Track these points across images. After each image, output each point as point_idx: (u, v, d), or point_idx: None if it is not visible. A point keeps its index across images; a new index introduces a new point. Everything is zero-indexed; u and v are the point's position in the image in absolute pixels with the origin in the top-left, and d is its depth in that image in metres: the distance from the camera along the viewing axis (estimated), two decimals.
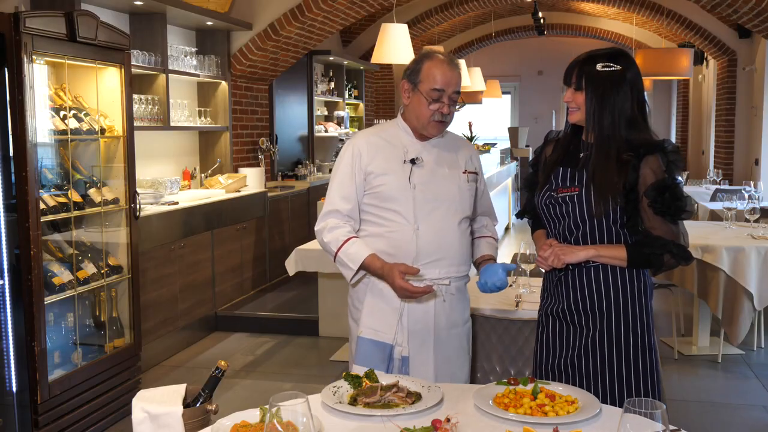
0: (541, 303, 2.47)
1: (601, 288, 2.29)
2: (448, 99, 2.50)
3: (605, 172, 2.22)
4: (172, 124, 5.66)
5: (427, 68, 2.50)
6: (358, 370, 2.46)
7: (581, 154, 2.33)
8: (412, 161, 2.53)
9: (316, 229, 2.60)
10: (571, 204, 2.28)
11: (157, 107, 5.48)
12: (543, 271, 2.42)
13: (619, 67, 2.25)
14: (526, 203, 2.58)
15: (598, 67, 2.25)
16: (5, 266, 3.41)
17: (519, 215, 2.67)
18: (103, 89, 4.18)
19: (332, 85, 9.52)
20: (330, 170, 8.22)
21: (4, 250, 3.41)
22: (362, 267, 2.49)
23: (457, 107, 2.57)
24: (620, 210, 2.24)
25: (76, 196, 3.93)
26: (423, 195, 2.52)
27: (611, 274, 2.29)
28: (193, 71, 6.04)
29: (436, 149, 2.60)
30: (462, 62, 9.72)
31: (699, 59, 11.00)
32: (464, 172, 2.62)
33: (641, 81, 2.30)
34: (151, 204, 5.05)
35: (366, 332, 2.55)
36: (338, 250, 2.51)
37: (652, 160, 2.21)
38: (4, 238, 3.41)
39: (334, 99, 9.65)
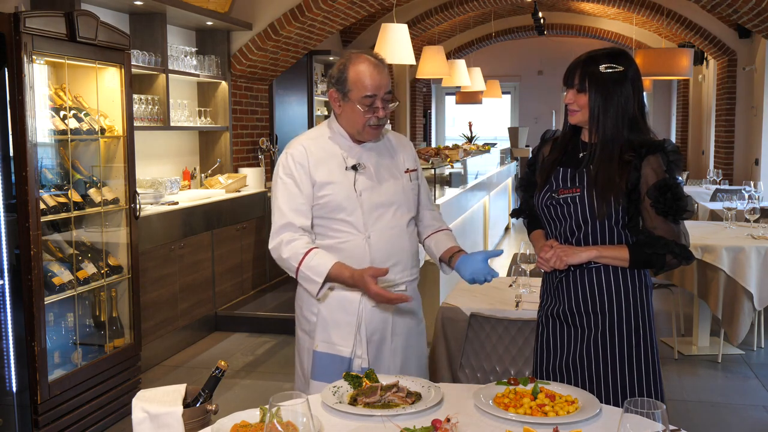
0: (541, 304, 2.47)
1: (603, 289, 2.29)
2: (381, 102, 2.39)
3: (608, 172, 2.22)
4: (172, 124, 5.66)
5: (353, 75, 2.37)
6: (316, 386, 2.40)
7: (581, 154, 2.32)
8: (354, 168, 2.44)
9: (270, 247, 2.42)
10: (573, 205, 2.27)
11: (157, 107, 5.48)
12: (543, 271, 2.42)
13: (621, 68, 2.25)
14: (522, 203, 2.57)
15: (602, 68, 2.24)
16: (5, 266, 3.41)
17: (514, 215, 2.65)
18: (103, 89, 4.18)
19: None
20: None
21: (4, 250, 3.41)
22: (328, 279, 2.34)
23: (390, 106, 2.44)
24: (622, 210, 2.24)
25: (76, 196, 3.93)
26: (369, 201, 2.43)
27: (613, 275, 2.28)
28: (193, 71, 6.04)
29: (374, 152, 2.51)
30: (462, 62, 9.73)
31: (699, 59, 11.00)
32: (406, 171, 2.56)
33: (641, 80, 2.30)
34: (151, 204, 5.05)
35: (322, 346, 2.44)
36: (299, 265, 2.35)
37: (653, 160, 2.21)
38: (4, 238, 3.41)
39: None
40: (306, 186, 2.41)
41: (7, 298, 3.42)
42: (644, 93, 2.33)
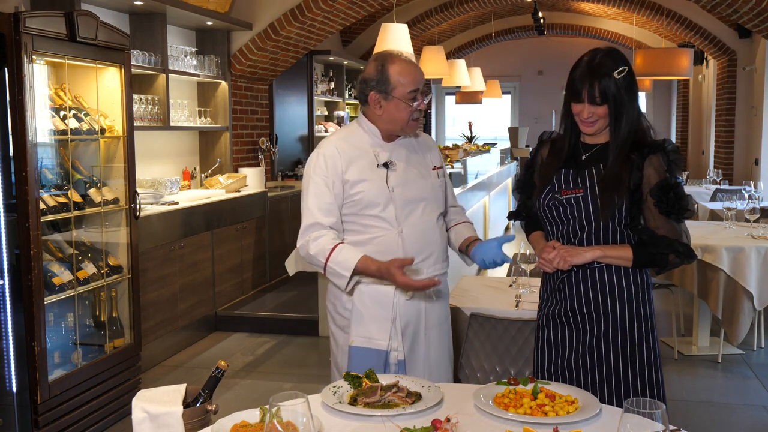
0: (541, 305, 2.46)
1: (606, 289, 2.29)
2: (421, 96, 2.49)
3: (619, 172, 2.23)
4: (172, 124, 5.66)
5: (395, 74, 2.46)
6: None
7: (583, 156, 2.32)
8: (386, 165, 2.51)
9: (298, 244, 2.49)
10: (576, 205, 2.27)
11: (157, 107, 5.48)
12: (542, 272, 2.42)
13: (627, 68, 2.25)
14: (519, 205, 2.57)
15: (615, 74, 2.22)
16: (5, 266, 3.41)
17: (511, 217, 2.65)
18: (103, 89, 4.18)
19: (332, 85, 9.52)
20: None
21: (4, 250, 3.41)
22: (355, 272, 2.40)
23: (427, 97, 2.54)
24: (625, 210, 2.24)
25: (76, 196, 3.93)
26: (402, 197, 2.49)
27: (615, 276, 2.29)
28: (193, 71, 6.04)
29: (403, 149, 2.58)
30: (462, 62, 9.73)
31: (699, 59, 11.00)
32: (434, 169, 2.63)
33: (635, 73, 2.31)
34: (151, 204, 5.05)
35: (358, 341, 2.48)
36: (327, 260, 2.41)
37: (654, 160, 2.22)
38: (4, 238, 3.41)
39: (334, 99, 9.65)
40: (336, 186, 2.47)
41: (7, 298, 3.42)
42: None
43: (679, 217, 2.22)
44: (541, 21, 12.56)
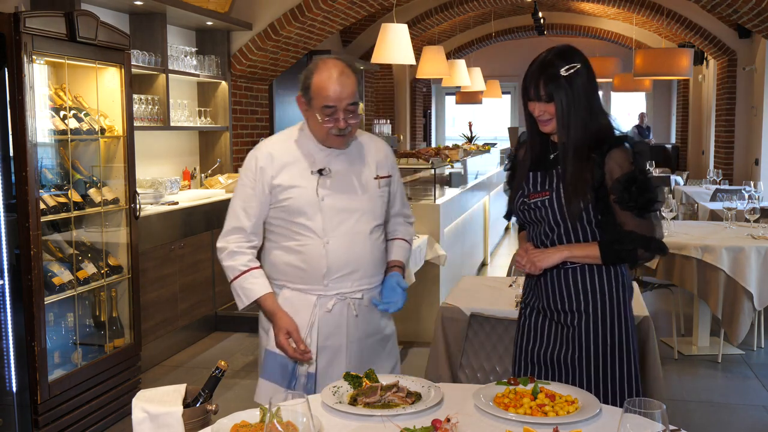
0: (523, 296, 2.49)
1: (579, 288, 2.30)
2: (342, 113, 2.33)
3: (579, 171, 2.21)
4: (172, 124, 5.66)
5: (316, 84, 2.32)
6: (264, 384, 2.42)
7: (551, 156, 2.32)
8: (320, 171, 2.41)
9: (218, 245, 2.47)
10: (543, 209, 2.28)
11: (157, 107, 5.48)
12: None
13: (578, 65, 2.23)
14: (509, 204, 2.58)
15: (563, 71, 2.20)
16: (5, 266, 3.41)
17: (507, 216, 2.65)
18: (103, 89, 4.18)
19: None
20: None
21: (4, 250, 3.41)
22: (255, 303, 2.42)
23: (354, 116, 2.38)
24: (592, 209, 2.23)
25: (76, 196, 3.93)
26: (331, 207, 2.40)
27: (589, 275, 2.29)
28: (193, 71, 6.04)
29: (344, 156, 2.46)
30: (462, 62, 9.73)
31: (699, 59, 11.00)
32: (376, 178, 2.49)
33: (594, 72, 2.28)
34: (151, 204, 5.04)
35: (272, 345, 2.42)
36: (234, 279, 2.43)
37: (616, 154, 2.20)
38: (4, 238, 3.41)
39: None
40: (262, 191, 2.42)
41: (7, 298, 3.42)
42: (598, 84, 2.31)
43: (643, 211, 2.20)
44: (541, 21, 12.56)
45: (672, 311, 5.17)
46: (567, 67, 2.20)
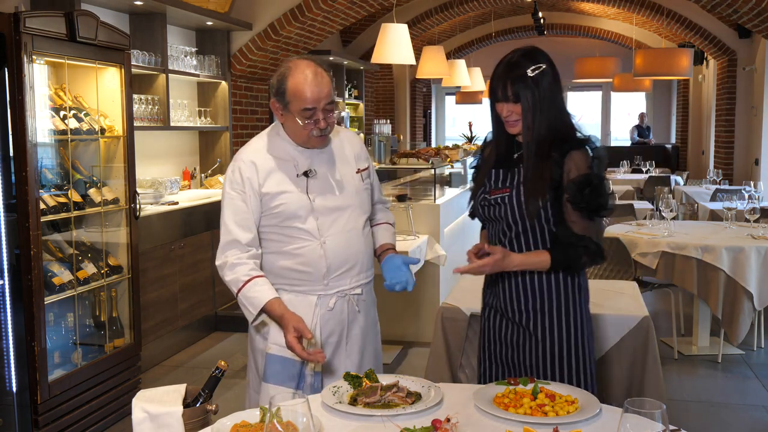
0: (483, 296, 2.49)
1: (536, 288, 2.30)
2: (322, 113, 2.35)
3: (540, 170, 2.23)
4: (172, 124, 5.66)
5: (292, 87, 2.32)
6: (268, 389, 2.39)
7: (515, 155, 2.33)
8: (306, 174, 2.41)
9: (217, 263, 2.42)
10: (503, 205, 2.29)
11: (157, 107, 5.48)
12: None
13: (544, 65, 2.24)
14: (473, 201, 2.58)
15: (529, 72, 2.22)
16: (5, 266, 3.41)
17: (471, 216, 2.65)
18: (103, 89, 4.18)
19: (332, 85, 9.51)
20: None
21: (4, 250, 3.41)
22: (263, 311, 2.35)
23: (335, 114, 2.41)
24: (550, 208, 2.24)
25: (76, 196, 3.93)
26: (323, 206, 2.41)
27: (545, 275, 2.29)
28: (193, 71, 6.04)
29: (324, 155, 2.47)
30: (462, 62, 9.72)
31: (699, 59, 11.00)
32: (358, 172, 2.52)
33: (558, 72, 2.30)
34: (151, 204, 5.04)
35: (275, 349, 2.40)
36: (238, 291, 2.37)
37: (576, 156, 2.21)
38: (4, 238, 3.41)
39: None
40: (252, 200, 2.40)
41: (7, 298, 3.42)
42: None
43: (593, 214, 2.22)
44: (541, 21, 12.57)
45: (672, 311, 5.16)
46: (533, 67, 2.23)
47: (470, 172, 2.70)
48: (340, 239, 2.42)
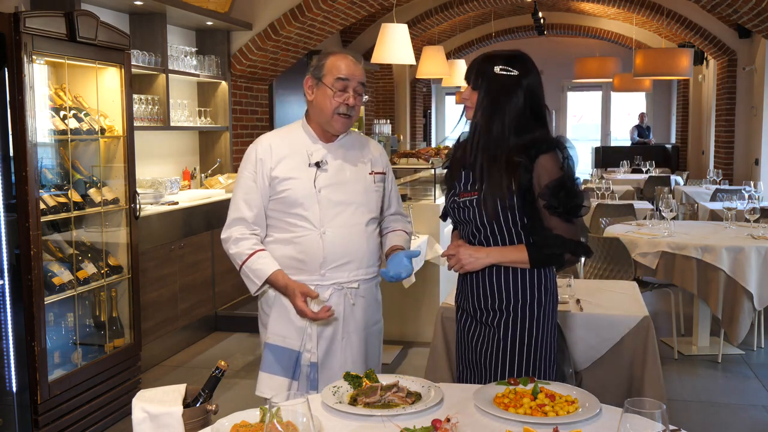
0: (456, 296, 2.50)
1: (503, 288, 2.31)
2: (353, 90, 2.47)
3: (491, 174, 2.23)
4: (172, 124, 5.66)
5: (331, 62, 2.47)
6: (264, 377, 2.48)
7: (475, 159, 2.33)
8: (317, 164, 2.49)
9: (222, 237, 2.54)
10: (471, 208, 2.29)
11: (157, 107, 5.48)
12: None
13: (516, 72, 2.25)
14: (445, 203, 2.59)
15: (496, 69, 2.25)
16: (5, 266, 3.41)
17: (442, 217, 2.66)
18: (103, 89, 4.18)
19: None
20: None
21: (4, 250, 3.41)
22: (266, 282, 2.48)
23: (363, 100, 2.54)
24: (518, 212, 2.24)
25: (76, 196, 3.93)
26: (328, 199, 2.48)
27: (513, 276, 2.30)
28: (193, 71, 6.04)
29: (341, 150, 2.56)
30: (462, 62, 9.73)
31: (699, 59, 11.01)
32: (371, 173, 2.59)
33: (540, 87, 2.29)
34: (151, 204, 5.05)
35: (273, 338, 2.51)
36: (243, 264, 2.48)
37: (545, 160, 2.21)
38: (4, 238, 3.41)
39: None
40: (263, 181, 2.49)
41: (7, 298, 3.42)
42: (543, 98, 2.32)
43: (572, 216, 2.23)
44: (541, 21, 12.57)
45: (672, 311, 5.17)
46: (503, 67, 2.25)
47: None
48: (340, 232, 2.49)
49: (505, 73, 2.25)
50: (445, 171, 2.53)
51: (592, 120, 17.56)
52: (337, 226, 2.49)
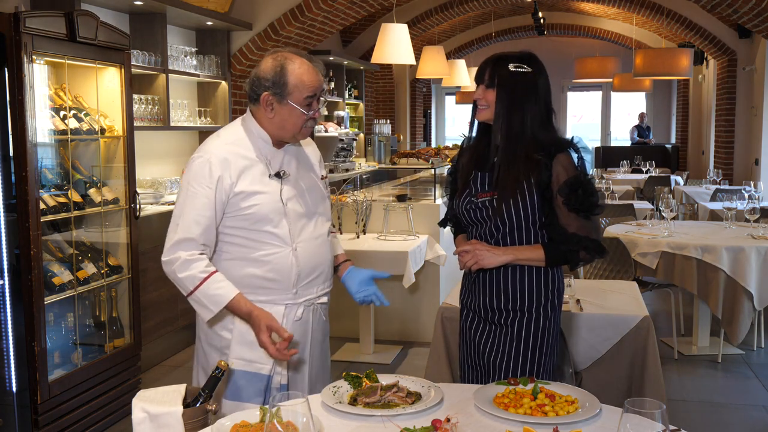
0: (461, 296, 2.51)
1: (516, 288, 2.33)
2: (318, 102, 2.31)
3: (511, 172, 2.26)
4: (172, 124, 5.66)
5: (295, 77, 2.25)
6: (229, 406, 2.24)
7: (495, 159, 2.34)
8: (278, 175, 2.29)
9: (163, 259, 2.24)
10: (491, 208, 2.31)
11: (157, 107, 5.48)
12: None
13: (530, 70, 2.29)
14: (447, 211, 2.58)
15: (511, 67, 2.28)
16: (5, 266, 3.41)
17: (442, 224, 2.65)
18: (103, 89, 4.18)
19: (332, 85, 9.52)
20: (330, 170, 8.23)
21: (4, 250, 3.41)
22: (226, 308, 2.21)
23: (321, 106, 2.37)
24: (538, 210, 2.27)
25: (76, 196, 3.93)
26: (294, 211, 2.30)
27: (527, 276, 2.32)
28: (193, 71, 6.04)
29: (293, 157, 2.37)
30: (462, 62, 9.73)
31: (699, 59, 11.00)
32: (322, 178, 2.46)
33: (549, 86, 2.34)
34: (151, 204, 5.05)
35: (238, 363, 2.26)
36: (195, 289, 2.19)
37: (563, 158, 2.25)
38: (4, 238, 3.41)
39: (334, 99, 9.65)
40: (220, 200, 2.23)
41: (7, 298, 3.42)
42: (551, 98, 2.36)
43: (588, 214, 2.26)
44: (541, 21, 12.57)
45: (672, 311, 5.17)
46: (516, 65, 2.28)
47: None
48: (309, 246, 2.33)
49: (521, 70, 2.28)
50: (447, 176, 2.53)
51: (592, 120, 17.56)
52: (305, 240, 2.32)
